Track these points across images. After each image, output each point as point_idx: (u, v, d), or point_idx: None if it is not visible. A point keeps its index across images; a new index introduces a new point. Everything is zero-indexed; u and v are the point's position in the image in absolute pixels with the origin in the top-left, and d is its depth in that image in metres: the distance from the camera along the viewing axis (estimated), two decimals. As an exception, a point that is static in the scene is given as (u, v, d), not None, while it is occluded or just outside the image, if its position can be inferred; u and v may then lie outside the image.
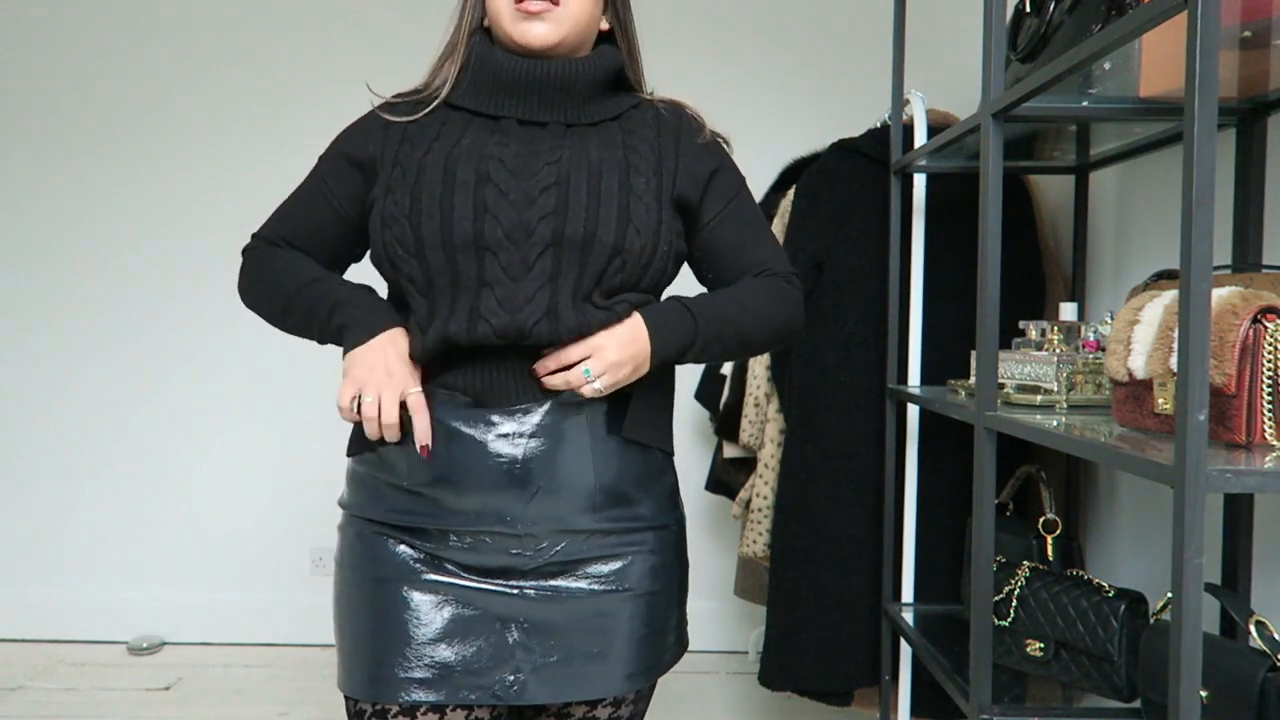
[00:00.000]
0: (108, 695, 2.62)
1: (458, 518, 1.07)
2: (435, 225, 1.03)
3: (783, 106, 2.96)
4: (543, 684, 1.08)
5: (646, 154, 1.11)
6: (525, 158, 1.06)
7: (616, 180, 1.07)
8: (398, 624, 1.07)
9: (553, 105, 1.10)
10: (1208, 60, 0.83)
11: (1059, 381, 1.37)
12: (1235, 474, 0.87)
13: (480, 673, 1.07)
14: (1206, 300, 0.84)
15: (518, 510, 1.06)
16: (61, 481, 3.04)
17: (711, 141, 1.17)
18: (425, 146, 1.08)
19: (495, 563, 1.08)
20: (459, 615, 1.07)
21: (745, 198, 1.18)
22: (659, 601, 1.14)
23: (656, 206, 1.08)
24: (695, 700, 2.62)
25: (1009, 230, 1.78)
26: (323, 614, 2.99)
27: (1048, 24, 1.33)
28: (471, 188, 1.04)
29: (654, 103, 1.18)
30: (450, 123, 1.11)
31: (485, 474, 1.05)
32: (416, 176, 1.06)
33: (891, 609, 1.87)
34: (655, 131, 1.13)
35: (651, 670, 1.14)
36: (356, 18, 2.97)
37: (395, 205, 1.05)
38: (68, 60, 2.99)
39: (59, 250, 3.02)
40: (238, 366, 2.99)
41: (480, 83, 1.11)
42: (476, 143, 1.07)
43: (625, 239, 1.05)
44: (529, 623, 1.08)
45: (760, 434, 2.14)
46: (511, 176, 1.05)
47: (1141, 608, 1.36)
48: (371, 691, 1.07)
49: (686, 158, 1.13)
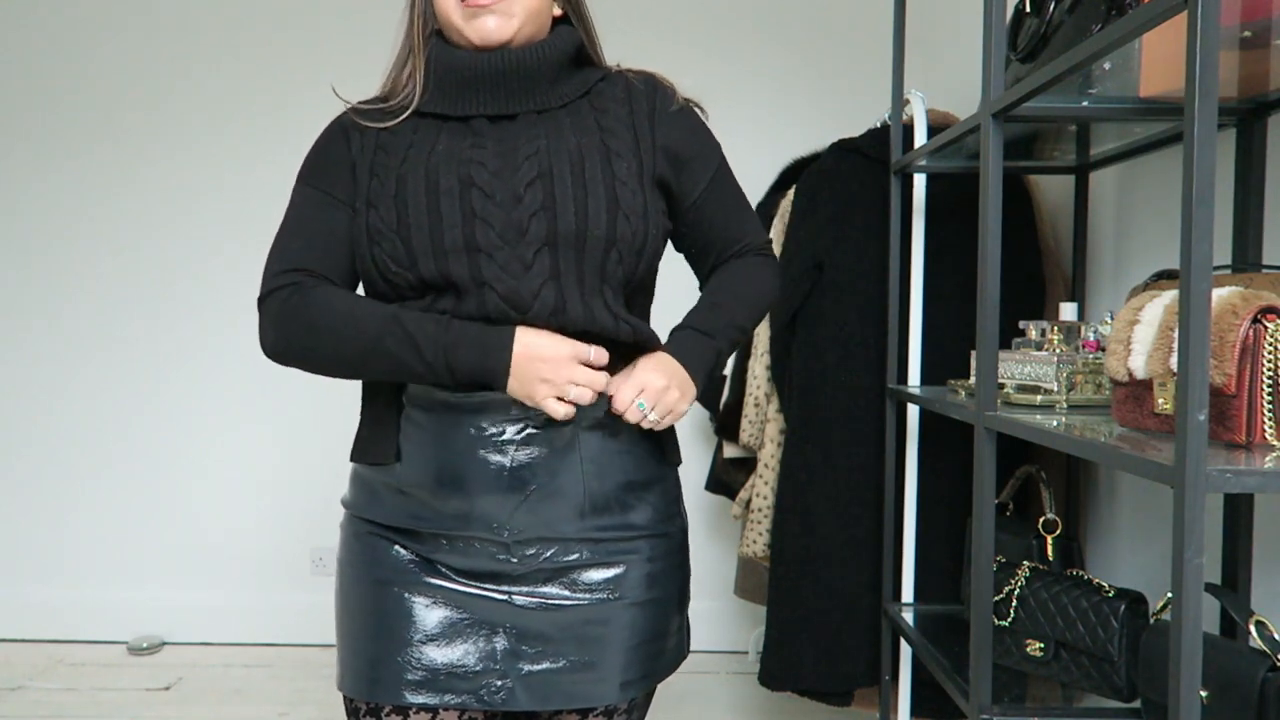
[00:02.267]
0: (108, 695, 2.62)
1: (447, 521, 1.07)
2: (425, 236, 1.01)
3: (783, 106, 2.96)
4: (530, 691, 1.08)
5: (623, 134, 1.09)
6: (504, 156, 1.05)
7: (599, 167, 1.05)
8: (395, 626, 1.07)
9: (519, 95, 1.08)
10: (1208, 60, 0.83)
11: (1059, 381, 1.37)
12: (1235, 474, 0.87)
13: (467, 677, 1.07)
14: (1206, 300, 0.84)
15: (504, 516, 1.05)
16: (61, 481, 3.04)
17: (686, 108, 1.14)
18: (401, 155, 1.06)
19: (484, 567, 1.08)
20: (449, 618, 1.07)
21: (724, 170, 1.18)
22: (655, 609, 1.12)
23: (641, 190, 1.07)
24: (695, 700, 2.62)
25: (1009, 230, 1.77)
26: (322, 614, 2.99)
27: (1048, 24, 1.33)
28: (456, 195, 1.02)
29: (624, 73, 1.15)
30: (421, 131, 1.08)
31: (476, 478, 1.05)
32: (397, 188, 1.04)
33: (891, 609, 1.87)
34: (628, 107, 1.11)
35: (647, 678, 1.13)
36: (358, 16, 2.97)
37: (380, 220, 1.03)
38: (67, 60, 2.99)
39: (59, 250, 3.02)
40: (238, 366, 2.99)
41: (444, 85, 1.08)
42: (452, 148, 1.06)
43: (617, 229, 1.04)
44: (517, 630, 1.08)
45: (760, 434, 2.14)
46: (494, 178, 1.03)
47: (1141, 608, 1.35)
48: (368, 692, 1.07)
49: (664, 131, 1.11)
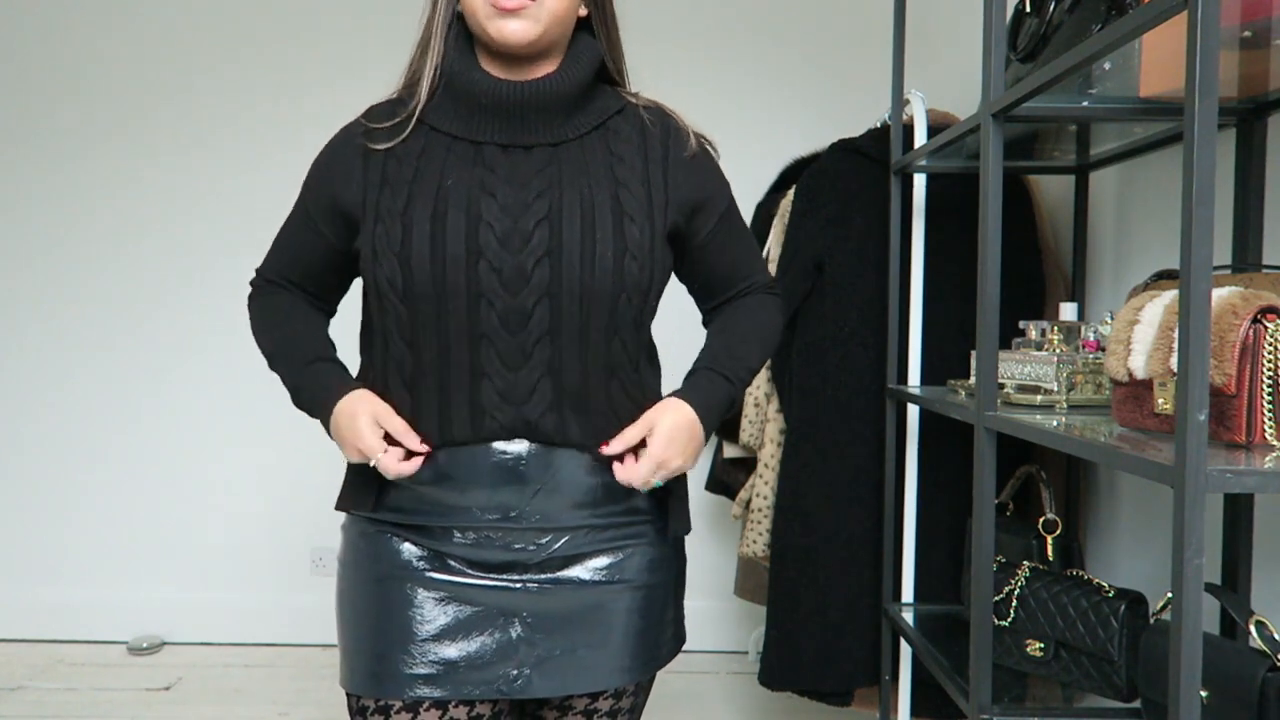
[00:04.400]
0: (108, 695, 2.62)
1: (462, 514, 1.08)
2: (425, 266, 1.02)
3: (783, 106, 2.95)
4: (546, 677, 1.09)
5: (636, 188, 1.09)
6: (515, 190, 1.05)
7: (610, 222, 1.06)
8: (401, 621, 1.07)
9: (535, 127, 1.08)
10: (1208, 60, 0.83)
11: (1059, 381, 1.37)
12: (1235, 474, 0.87)
13: (484, 667, 1.07)
14: (1206, 300, 0.84)
15: (521, 505, 1.07)
16: (61, 481, 3.04)
17: (699, 152, 1.15)
18: (413, 167, 1.06)
19: (499, 558, 1.09)
20: (463, 612, 1.08)
21: (732, 209, 1.19)
22: (656, 594, 1.15)
23: (649, 230, 1.08)
24: (695, 700, 2.62)
25: (1009, 230, 1.78)
26: (322, 614, 3.01)
27: (1048, 24, 1.33)
28: (463, 230, 1.03)
29: (637, 107, 1.15)
30: (428, 154, 1.08)
31: (486, 471, 1.06)
32: (405, 205, 1.04)
33: (891, 609, 1.87)
34: (642, 154, 1.11)
35: (650, 663, 1.15)
36: (359, 15, 2.98)
37: (386, 236, 1.04)
38: (67, 60, 2.99)
39: (60, 250, 3.02)
40: (238, 366, 2.99)
41: (459, 105, 1.08)
42: (462, 176, 1.06)
43: (624, 280, 1.05)
44: (532, 616, 1.09)
45: (760, 434, 2.14)
46: (503, 213, 1.04)
47: (1141, 608, 1.35)
48: (375, 688, 1.07)
49: (676, 181, 1.11)
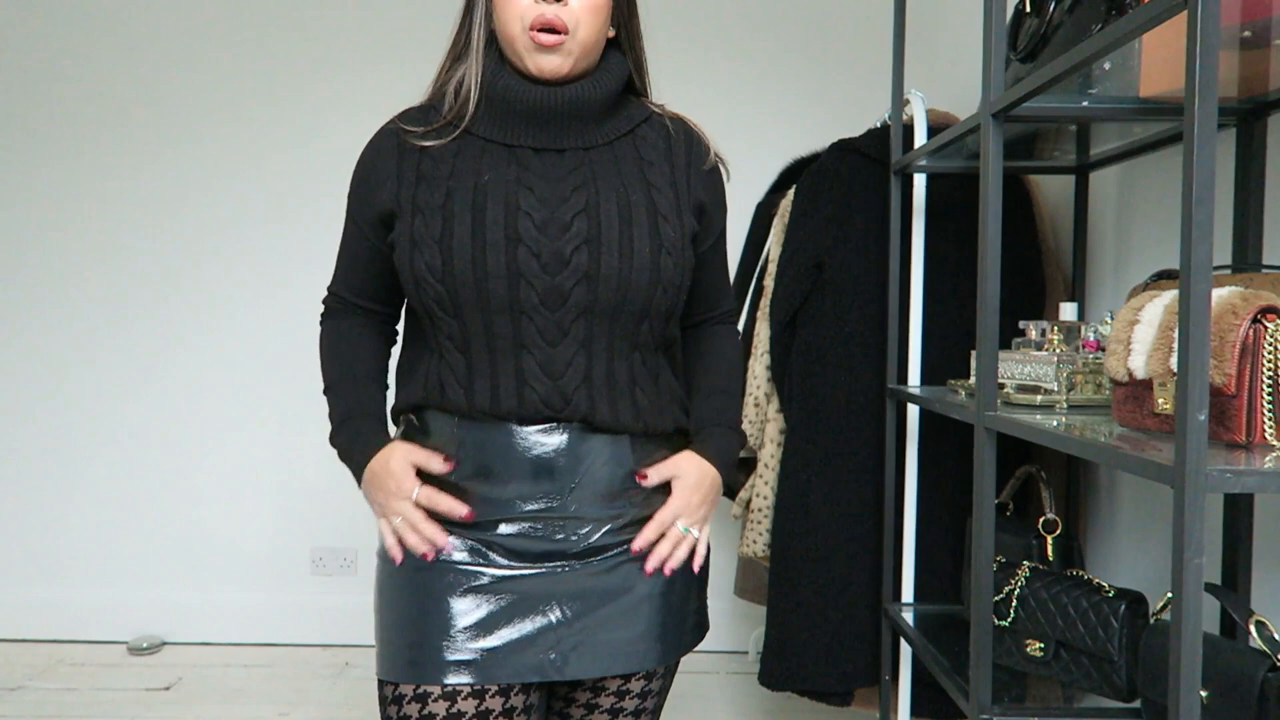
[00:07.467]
0: (108, 695, 2.62)
1: (504, 506, 1.10)
2: (466, 252, 1.06)
3: (783, 106, 2.95)
4: (583, 659, 1.11)
5: (666, 190, 1.14)
6: (550, 186, 1.09)
7: (645, 217, 1.11)
8: (439, 610, 1.09)
9: (568, 132, 1.12)
10: (1208, 60, 0.83)
11: (1059, 381, 1.37)
12: (1235, 474, 0.87)
13: (523, 652, 1.09)
14: (1206, 300, 0.84)
15: (561, 495, 1.10)
16: (61, 481, 3.04)
17: (715, 169, 1.21)
18: (449, 165, 1.10)
19: (540, 548, 1.11)
20: (503, 601, 1.10)
21: (724, 235, 1.26)
22: (678, 580, 1.17)
23: (680, 230, 1.13)
24: (695, 700, 2.62)
25: (1009, 230, 1.78)
26: (322, 614, 3.01)
27: (1048, 24, 1.33)
28: (502, 221, 1.06)
29: (663, 117, 1.20)
30: (464, 154, 1.11)
31: (523, 465, 1.09)
32: (445, 199, 1.08)
33: (891, 609, 1.87)
34: (669, 161, 1.17)
35: (677, 647, 1.18)
36: (361, 13, 2.98)
37: (425, 226, 1.07)
38: (67, 57, 2.99)
39: (59, 248, 3.02)
40: (239, 366, 2.99)
41: (493, 109, 1.12)
42: (499, 173, 1.09)
43: (660, 270, 1.10)
44: (569, 601, 1.11)
45: (760, 434, 2.14)
46: (541, 205, 1.08)
47: (1141, 608, 1.36)
48: (413, 674, 1.08)
49: (696, 187, 1.17)
